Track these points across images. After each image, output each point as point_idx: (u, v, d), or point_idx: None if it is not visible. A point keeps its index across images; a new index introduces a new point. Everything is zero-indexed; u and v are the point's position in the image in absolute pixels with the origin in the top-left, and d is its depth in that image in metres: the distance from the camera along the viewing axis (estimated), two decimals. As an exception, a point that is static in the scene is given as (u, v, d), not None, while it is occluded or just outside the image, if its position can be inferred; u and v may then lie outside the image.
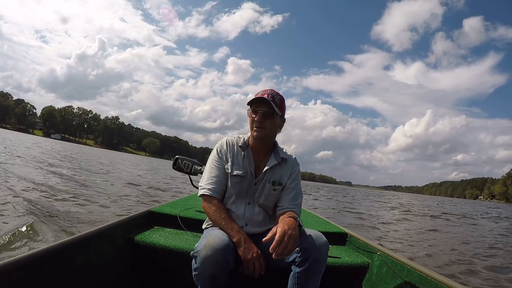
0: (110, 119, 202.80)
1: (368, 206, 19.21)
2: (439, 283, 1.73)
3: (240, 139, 1.93)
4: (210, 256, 1.49)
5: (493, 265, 5.65)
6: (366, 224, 9.55)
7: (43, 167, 12.32)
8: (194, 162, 2.88)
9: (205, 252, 1.49)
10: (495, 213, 27.24)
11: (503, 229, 13.24)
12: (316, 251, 1.64)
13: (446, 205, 34.85)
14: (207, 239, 1.56)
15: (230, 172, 1.88)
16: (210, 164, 1.91)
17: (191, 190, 6.71)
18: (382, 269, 2.16)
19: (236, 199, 1.89)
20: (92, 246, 1.84)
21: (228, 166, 1.88)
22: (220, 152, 1.91)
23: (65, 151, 32.42)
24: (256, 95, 1.85)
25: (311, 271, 1.65)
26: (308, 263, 1.63)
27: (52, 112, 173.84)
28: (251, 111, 1.85)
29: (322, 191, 37.93)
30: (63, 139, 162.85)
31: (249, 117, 1.86)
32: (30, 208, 4.71)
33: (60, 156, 22.76)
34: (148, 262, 2.19)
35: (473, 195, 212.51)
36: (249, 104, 1.85)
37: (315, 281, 1.67)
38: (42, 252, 1.49)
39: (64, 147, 49.63)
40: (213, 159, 1.91)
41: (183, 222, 2.50)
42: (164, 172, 25.03)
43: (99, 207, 6.23)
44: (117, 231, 2.12)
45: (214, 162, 1.90)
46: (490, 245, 8.05)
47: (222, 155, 1.91)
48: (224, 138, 1.96)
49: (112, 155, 59.87)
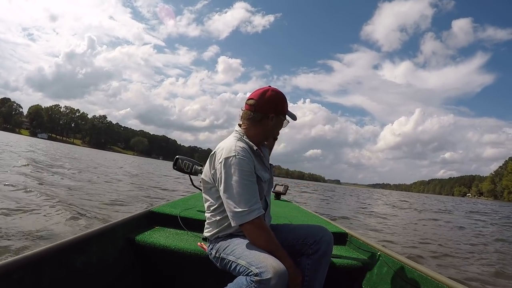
0: (97, 118, 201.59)
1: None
2: (440, 283, 1.73)
3: (242, 142, 1.74)
4: (280, 284, 1.40)
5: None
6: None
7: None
8: (195, 162, 2.88)
9: (276, 281, 1.38)
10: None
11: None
12: (326, 244, 1.76)
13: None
14: (272, 265, 1.42)
15: (263, 179, 1.75)
16: (242, 181, 1.59)
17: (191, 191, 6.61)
18: (382, 269, 2.17)
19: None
20: (92, 246, 1.83)
21: (258, 173, 1.71)
22: (247, 163, 1.63)
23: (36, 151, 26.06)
24: (287, 105, 1.84)
25: (320, 263, 1.74)
26: (318, 255, 1.73)
27: (38, 111, 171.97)
28: (283, 120, 1.84)
29: (309, 189, 38.63)
30: (50, 138, 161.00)
31: (275, 125, 1.81)
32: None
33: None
34: (148, 262, 2.18)
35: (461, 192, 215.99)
36: (283, 114, 1.82)
37: (322, 273, 1.75)
38: (42, 252, 1.48)
39: (46, 146, 45.46)
40: (245, 173, 1.61)
41: (184, 222, 2.49)
42: (153, 179, 17.89)
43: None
44: (118, 231, 2.11)
45: (248, 176, 1.62)
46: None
47: (250, 166, 1.65)
48: (231, 147, 1.67)
49: (96, 154, 55.97)
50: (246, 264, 1.48)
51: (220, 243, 1.72)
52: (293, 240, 1.80)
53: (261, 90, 1.78)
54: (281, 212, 3.66)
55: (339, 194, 29.77)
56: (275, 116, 1.76)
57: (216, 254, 1.72)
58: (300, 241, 1.79)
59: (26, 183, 7.60)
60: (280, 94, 1.79)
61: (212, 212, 1.77)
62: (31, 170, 10.91)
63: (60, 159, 21.12)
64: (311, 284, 1.72)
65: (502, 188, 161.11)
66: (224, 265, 1.67)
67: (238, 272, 1.53)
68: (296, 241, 1.80)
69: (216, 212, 1.75)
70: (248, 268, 1.46)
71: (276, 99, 1.77)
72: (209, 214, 1.79)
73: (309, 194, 24.67)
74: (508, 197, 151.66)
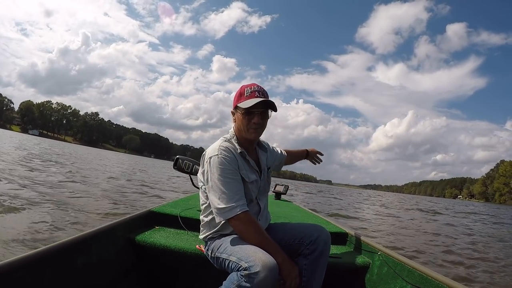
0: (89, 115, 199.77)
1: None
2: (440, 283, 1.73)
3: (228, 143, 1.75)
4: (270, 278, 1.40)
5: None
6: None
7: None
8: (195, 162, 2.87)
9: (264, 274, 1.39)
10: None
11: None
12: (323, 243, 1.75)
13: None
14: (261, 258, 1.43)
15: (248, 180, 1.74)
16: (224, 178, 1.62)
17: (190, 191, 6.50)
18: (382, 269, 2.17)
19: (249, 203, 1.75)
20: (92, 246, 1.82)
21: (242, 174, 1.72)
22: (229, 162, 1.66)
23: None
24: (246, 94, 1.73)
25: (317, 263, 1.73)
26: (315, 255, 1.73)
27: (30, 107, 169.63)
28: (245, 113, 1.72)
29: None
30: (41, 135, 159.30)
31: (240, 119, 1.74)
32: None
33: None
34: (149, 262, 2.18)
35: (453, 194, 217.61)
36: (241, 107, 1.72)
37: (320, 273, 1.75)
38: (43, 252, 1.47)
39: (28, 142, 41.86)
40: (226, 171, 1.64)
41: (184, 222, 2.49)
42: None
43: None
44: (118, 231, 2.10)
45: (229, 174, 1.64)
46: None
47: (232, 165, 1.67)
48: (216, 147, 1.71)
49: (84, 151, 54.02)
50: (237, 260, 1.51)
51: (214, 243, 1.74)
52: (290, 240, 1.81)
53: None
54: (281, 212, 3.67)
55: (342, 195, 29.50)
56: (235, 110, 1.78)
57: (212, 254, 1.74)
58: (296, 241, 1.79)
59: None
60: (241, 88, 1.79)
61: (204, 211, 1.81)
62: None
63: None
64: (309, 285, 1.72)
65: (494, 191, 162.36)
66: (220, 264, 1.68)
67: (231, 269, 1.55)
68: (293, 241, 1.80)
69: (208, 211, 1.77)
70: (238, 264, 1.49)
71: (236, 93, 1.79)
72: (203, 214, 1.82)
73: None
74: (500, 200, 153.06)
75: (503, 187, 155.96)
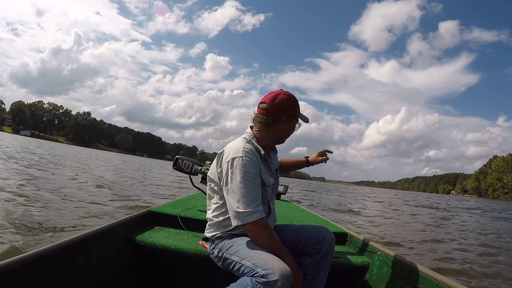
0: (81, 115, 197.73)
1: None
2: (440, 283, 1.74)
3: (250, 145, 1.72)
4: (286, 286, 1.41)
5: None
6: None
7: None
8: (195, 162, 2.88)
9: (281, 283, 1.39)
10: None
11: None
12: (328, 244, 1.79)
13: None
14: (279, 267, 1.43)
15: (268, 184, 1.73)
16: (246, 182, 1.59)
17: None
18: (382, 269, 2.19)
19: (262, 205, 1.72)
20: (92, 246, 1.82)
21: (263, 177, 1.70)
22: (253, 165, 1.63)
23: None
24: (299, 108, 1.83)
25: (322, 263, 1.76)
26: (321, 255, 1.76)
27: (21, 107, 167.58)
28: (295, 123, 1.83)
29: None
30: (33, 135, 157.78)
31: (291, 128, 1.82)
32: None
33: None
34: (148, 262, 2.17)
35: (446, 190, 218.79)
36: (295, 117, 1.81)
37: (324, 273, 1.77)
38: (43, 252, 1.48)
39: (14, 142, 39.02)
40: (249, 175, 1.60)
41: (184, 222, 2.49)
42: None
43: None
44: (118, 231, 2.10)
45: (252, 178, 1.61)
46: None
47: (255, 169, 1.64)
48: (239, 148, 1.66)
49: (74, 151, 52.24)
50: (252, 266, 1.49)
51: (223, 242, 1.71)
52: (295, 240, 1.82)
53: (273, 93, 1.78)
54: (282, 212, 3.66)
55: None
56: (287, 119, 1.76)
57: (218, 254, 1.72)
58: (302, 241, 1.81)
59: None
60: (292, 97, 1.79)
61: (215, 211, 1.76)
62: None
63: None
64: (313, 283, 1.74)
65: (487, 186, 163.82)
66: (226, 265, 1.67)
67: (242, 272, 1.53)
68: (298, 241, 1.81)
69: (219, 211, 1.74)
70: (254, 270, 1.46)
71: (288, 102, 1.77)
72: (212, 214, 1.78)
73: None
74: (493, 195, 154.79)
75: (496, 182, 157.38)
